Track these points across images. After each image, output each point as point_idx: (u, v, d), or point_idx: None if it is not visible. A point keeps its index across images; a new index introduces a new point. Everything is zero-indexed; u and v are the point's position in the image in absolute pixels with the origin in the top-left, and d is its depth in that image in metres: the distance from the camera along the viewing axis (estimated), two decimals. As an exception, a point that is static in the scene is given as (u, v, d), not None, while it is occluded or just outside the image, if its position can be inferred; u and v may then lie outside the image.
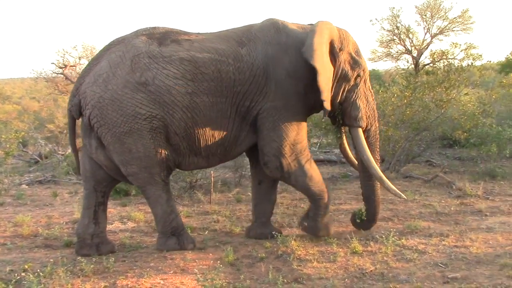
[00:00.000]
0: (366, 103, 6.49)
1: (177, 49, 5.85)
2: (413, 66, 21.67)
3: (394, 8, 22.05)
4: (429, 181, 9.61)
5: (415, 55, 22.29)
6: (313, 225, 6.47)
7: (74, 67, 21.93)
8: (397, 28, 22.14)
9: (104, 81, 5.70)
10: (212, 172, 9.11)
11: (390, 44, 22.90)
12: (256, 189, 6.84)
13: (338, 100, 6.38)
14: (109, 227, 7.34)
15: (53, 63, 21.01)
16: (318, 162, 11.78)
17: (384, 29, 22.56)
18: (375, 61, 24.19)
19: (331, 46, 6.17)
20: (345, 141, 6.98)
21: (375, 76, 24.60)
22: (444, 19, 22.14)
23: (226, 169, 10.45)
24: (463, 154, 11.05)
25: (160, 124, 5.75)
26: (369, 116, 6.53)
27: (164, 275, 5.45)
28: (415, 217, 7.38)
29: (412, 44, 22.48)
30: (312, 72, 5.88)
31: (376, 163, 6.49)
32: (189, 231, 6.91)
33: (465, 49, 19.72)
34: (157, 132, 5.76)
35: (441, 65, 14.40)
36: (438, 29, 22.12)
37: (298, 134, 6.13)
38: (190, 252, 6.13)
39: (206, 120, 5.87)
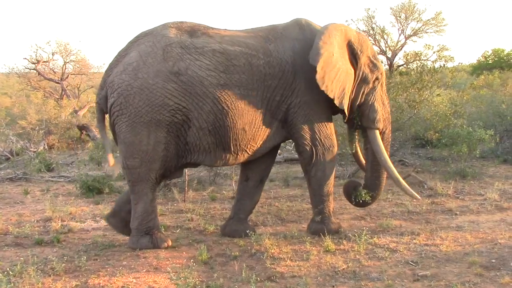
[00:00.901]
0: (382, 106, 6.70)
1: (209, 41, 5.93)
2: (387, 67, 21.96)
3: (369, 9, 22.40)
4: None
5: (389, 56, 22.59)
6: (321, 227, 6.53)
7: (47, 63, 21.61)
8: (372, 29, 22.42)
9: (134, 70, 5.70)
10: (186, 170, 9.08)
11: (365, 45, 23.10)
12: (242, 186, 6.86)
13: (357, 103, 6.57)
14: (81, 225, 7.30)
15: (25, 59, 20.69)
16: (294, 160, 11.87)
17: (360, 30, 22.79)
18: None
19: (351, 48, 6.43)
20: (357, 145, 7.15)
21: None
22: (418, 20, 22.51)
23: (201, 167, 10.41)
24: (435, 154, 11.22)
25: (183, 118, 5.79)
26: (385, 119, 6.75)
27: (136, 273, 5.41)
28: (387, 216, 7.50)
29: (386, 45, 22.80)
30: None
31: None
32: (163, 229, 6.89)
33: (438, 51, 20.09)
34: (174, 127, 5.80)
35: (415, 66, 14.63)
36: (412, 30, 22.51)
37: (328, 129, 6.41)
38: (163, 250, 6.11)
39: (237, 113, 5.90)
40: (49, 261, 5.70)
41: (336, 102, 6.22)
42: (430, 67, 10.97)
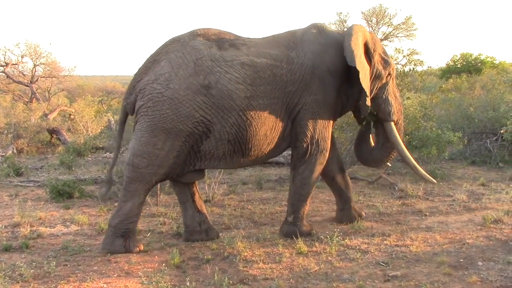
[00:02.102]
0: (395, 99, 7.11)
1: (237, 54, 6.15)
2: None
3: (341, 13, 22.55)
4: (373, 183, 9.88)
5: (361, 59, 22.84)
6: (293, 230, 6.67)
7: (16, 65, 21.23)
8: (344, 33, 22.64)
9: (166, 80, 5.92)
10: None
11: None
12: (333, 183, 7.33)
13: (371, 97, 6.88)
14: (51, 230, 7.17)
15: (-7, 61, 20.22)
16: (267, 164, 11.90)
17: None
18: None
19: (366, 47, 6.74)
20: (372, 139, 7.53)
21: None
22: (389, 25, 22.85)
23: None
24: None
25: (203, 130, 5.99)
26: (398, 111, 7.15)
27: (107, 278, 5.35)
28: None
29: (358, 49, 23.04)
30: (347, 72, 6.51)
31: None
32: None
33: (408, 55, 20.39)
34: (193, 137, 5.99)
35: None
36: (383, 34, 22.80)
37: (327, 132, 6.66)
38: (135, 255, 6.06)
39: (260, 121, 6.16)
40: (17, 267, 5.58)
41: (368, 99, 6.56)
42: (401, 71, 11.10)
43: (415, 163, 7.14)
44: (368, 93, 6.50)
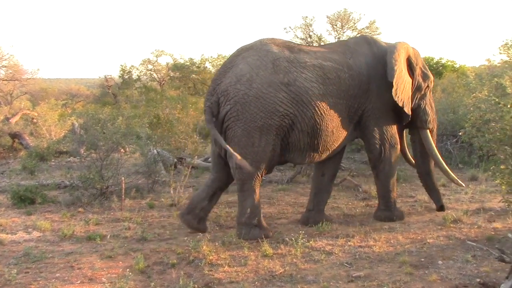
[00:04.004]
0: (431, 109, 7.89)
1: (308, 56, 6.92)
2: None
3: (307, 17, 22.70)
4: (337, 184, 9.99)
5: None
6: (387, 215, 7.48)
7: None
8: (310, 36, 22.81)
9: (248, 81, 6.53)
10: (123, 178, 8.93)
11: (303, 52, 23.54)
12: (319, 180, 7.69)
13: (411, 107, 7.57)
14: (12, 237, 7.02)
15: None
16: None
17: (298, 37, 23.16)
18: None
19: (409, 62, 7.58)
20: (404, 143, 8.20)
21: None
22: (354, 29, 23.10)
23: (139, 175, 10.28)
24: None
25: (289, 122, 6.65)
26: (434, 119, 7.95)
27: (70, 285, 5.27)
28: (324, 219, 7.65)
29: (324, 53, 23.26)
30: None
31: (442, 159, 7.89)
32: (98, 239, 6.75)
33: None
34: (282, 130, 6.65)
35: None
36: (348, 38, 23.08)
37: (393, 129, 7.47)
38: (98, 260, 5.99)
39: (330, 118, 6.85)
40: (-24, 275, 5.44)
41: (405, 109, 7.32)
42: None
43: (447, 168, 7.80)
44: (401, 104, 7.22)
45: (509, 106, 6.20)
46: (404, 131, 8.23)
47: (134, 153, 12.32)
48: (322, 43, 23.07)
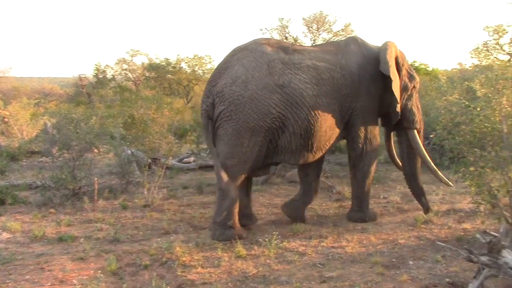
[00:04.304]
0: (417, 110, 7.98)
1: (302, 57, 7.01)
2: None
3: (283, 19, 22.79)
4: (312, 186, 10.04)
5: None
6: (360, 216, 7.56)
7: None
8: (286, 38, 22.89)
9: (244, 82, 6.61)
10: (96, 179, 8.83)
11: (278, 53, 23.62)
12: (305, 180, 7.85)
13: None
14: (-20, 239, 6.86)
15: None
16: (208, 167, 11.90)
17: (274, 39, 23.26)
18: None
19: (396, 62, 7.64)
20: (392, 145, 8.40)
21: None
22: (329, 31, 23.28)
23: (112, 176, 10.17)
24: (344, 159, 11.68)
25: (279, 125, 6.73)
26: (420, 120, 8.02)
27: (40, 287, 5.19)
28: (297, 220, 7.70)
29: (299, 54, 23.36)
30: (385, 81, 7.36)
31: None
32: (70, 240, 6.67)
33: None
34: (271, 132, 6.72)
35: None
36: (324, 40, 23.20)
37: (376, 130, 7.62)
38: (70, 262, 5.91)
39: (323, 118, 6.94)
40: None
41: (398, 106, 7.46)
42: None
43: (435, 167, 7.85)
44: (399, 100, 7.43)
45: (478, 109, 6.32)
46: (391, 133, 8.34)
47: (107, 153, 12.16)
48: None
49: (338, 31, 23.15)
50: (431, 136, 7.45)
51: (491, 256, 4.51)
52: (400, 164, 8.28)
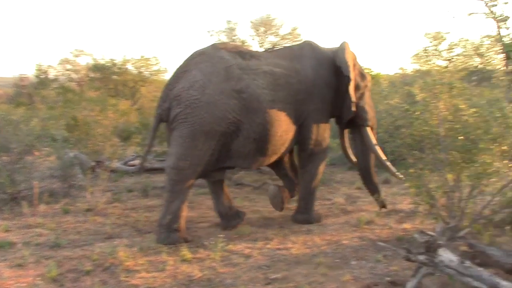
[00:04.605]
0: (370, 108, 8.16)
1: (259, 63, 7.08)
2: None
3: (230, 21, 22.87)
4: (258, 188, 10.14)
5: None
6: (305, 218, 7.69)
7: None
8: (233, 41, 22.96)
9: (201, 87, 6.61)
10: (36, 182, 8.54)
11: (226, 56, 23.67)
12: (284, 178, 8.31)
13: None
14: None
15: None
16: (154, 170, 11.74)
17: (221, 41, 23.26)
18: (212, 71, 24.81)
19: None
20: (345, 142, 8.54)
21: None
22: (276, 35, 23.54)
23: (54, 179, 9.87)
24: (290, 162, 11.80)
25: (233, 130, 6.76)
26: (373, 117, 8.20)
27: (-26, 297, 4.97)
28: (243, 223, 7.74)
29: (247, 57, 23.48)
30: (338, 82, 7.61)
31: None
32: (8, 247, 6.42)
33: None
34: (224, 137, 6.72)
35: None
36: (271, 44, 23.44)
37: (326, 133, 7.73)
38: (7, 269, 5.69)
39: (279, 123, 7.02)
40: None
41: (354, 105, 7.65)
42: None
43: (388, 163, 8.00)
44: (353, 99, 7.62)
45: (417, 113, 6.56)
46: (345, 131, 8.51)
47: (49, 156, 11.81)
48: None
49: (285, 34, 23.45)
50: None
51: (428, 255, 4.67)
52: (354, 160, 8.50)
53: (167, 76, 27.08)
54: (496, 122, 5.90)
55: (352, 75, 7.65)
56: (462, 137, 6.10)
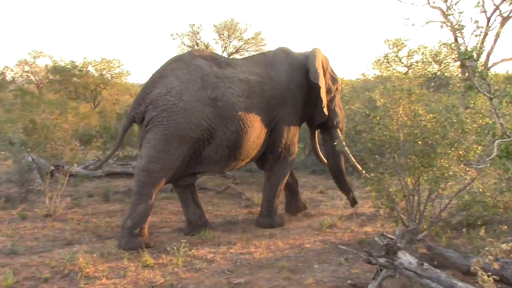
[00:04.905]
0: (340, 110, 8.46)
1: (235, 71, 7.24)
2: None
3: (194, 25, 22.75)
4: (221, 192, 10.11)
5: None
6: (268, 221, 7.73)
7: None
8: (197, 44, 22.88)
9: (178, 93, 6.74)
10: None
11: (190, 59, 23.56)
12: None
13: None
14: None
15: None
16: (115, 174, 11.56)
17: (185, 45, 23.15)
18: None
19: (321, 67, 7.99)
20: (317, 143, 8.79)
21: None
22: (240, 39, 23.57)
23: (11, 184, 9.59)
24: (253, 166, 11.85)
25: (207, 137, 6.84)
26: (343, 119, 8.51)
27: None
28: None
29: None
30: (310, 86, 7.78)
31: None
32: (-39, 254, 6.19)
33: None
34: (197, 143, 6.80)
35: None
36: (234, 48, 23.47)
37: (296, 138, 7.91)
38: (-40, 278, 5.48)
39: (253, 130, 7.19)
40: None
41: (325, 109, 7.84)
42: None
43: (356, 163, 8.19)
44: (325, 104, 7.82)
45: (378, 118, 6.69)
46: (316, 132, 8.76)
47: (6, 160, 11.49)
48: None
49: (248, 39, 23.49)
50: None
51: (388, 257, 4.76)
52: (325, 161, 8.73)
53: (129, 79, 26.78)
54: (453, 127, 6.07)
55: (323, 81, 7.87)
56: (420, 142, 6.25)
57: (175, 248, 6.35)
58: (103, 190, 9.89)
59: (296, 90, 7.79)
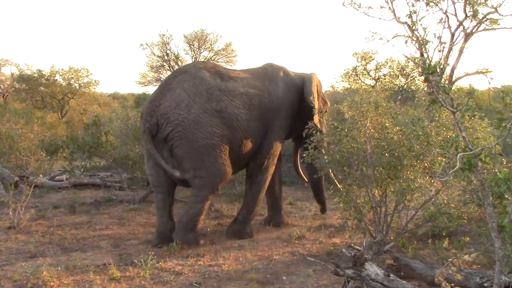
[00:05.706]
0: (324, 128, 8.54)
1: (236, 85, 7.72)
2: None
3: (164, 35, 22.67)
4: (190, 204, 10.01)
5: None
6: (240, 229, 7.92)
7: None
8: (167, 55, 22.81)
9: (187, 106, 7.19)
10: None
11: (160, 70, 23.48)
12: (270, 192, 8.62)
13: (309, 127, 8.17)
14: None
15: None
16: (82, 185, 11.38)
17: (155, 55, 23.05)
18: (145, 85, 24.55)
19: (317, 91, 8.61)
20: (298, 158, 9.30)
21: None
22: (210, 50, 23.60)
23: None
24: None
25: (227, 142, 7.38)
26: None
27: None
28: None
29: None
30: (301, 107, 8.38)
31: None
32: None
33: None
34: (224, 148, 7.34)
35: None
36: (205, 59, 23.43)
37: (278, 149, 8.35)
38: None
39: (252, 139, 7.73)
40: None
41: (320, 127, 8.01)
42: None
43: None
44: (319, 125, 8.05)
45: (346, 130, 6.77)
46: (299, 149, 9.06)
47: (-32, 171, 11.15)
48: (179, 63, 23.21)
49: (219, 50, 23.54)
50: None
51: (355, 269, 4.80)
52: (304, 177, 9.31)
53: (98, 89, 26.46)
54: (418, 140, 6.18)
55: (317, 104, 8.41)
56: (387, 154, 6.35)
57: (142, 260, 6.26)
58: (69, 202, 9.71)
59: (288, 107, 8.28)
